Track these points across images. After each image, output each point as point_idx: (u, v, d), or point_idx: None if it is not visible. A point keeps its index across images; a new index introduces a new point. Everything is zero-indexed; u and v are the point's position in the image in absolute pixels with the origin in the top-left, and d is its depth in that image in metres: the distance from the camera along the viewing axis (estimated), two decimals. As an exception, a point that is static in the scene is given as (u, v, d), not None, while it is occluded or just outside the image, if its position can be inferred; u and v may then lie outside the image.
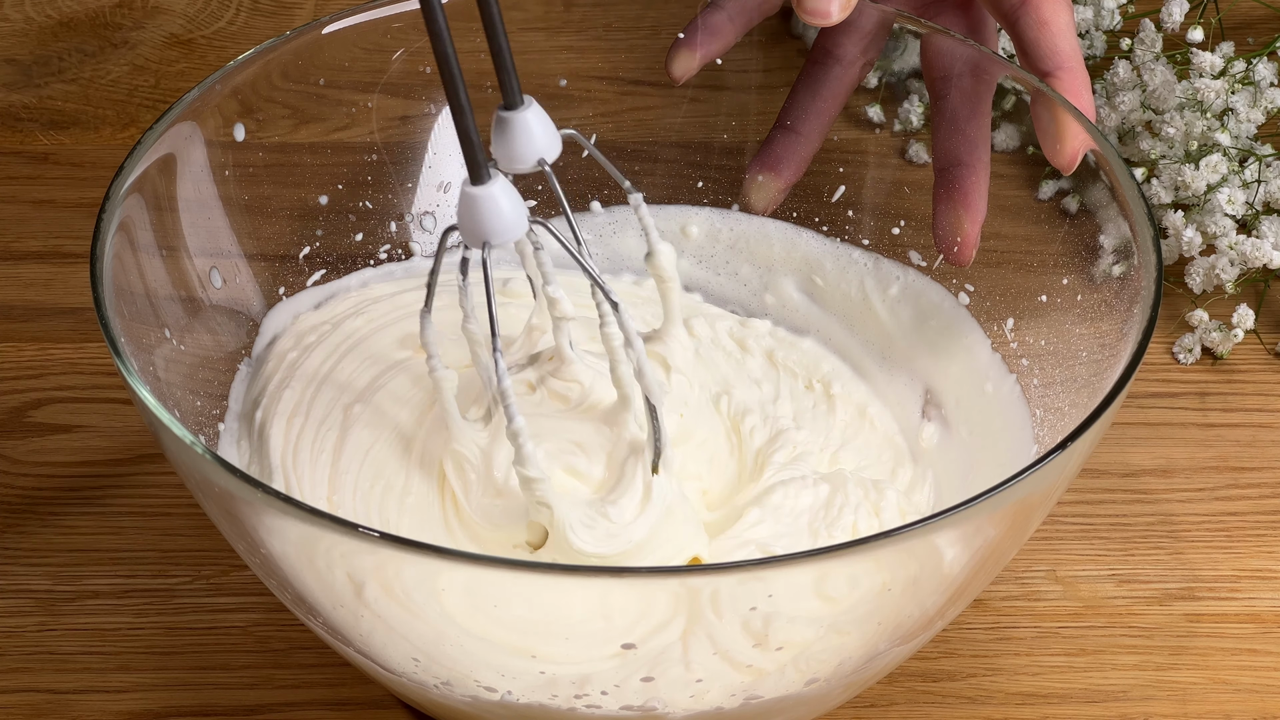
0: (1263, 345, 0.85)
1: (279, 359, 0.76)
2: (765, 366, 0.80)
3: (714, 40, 0.81)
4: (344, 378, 0.76)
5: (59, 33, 0.98)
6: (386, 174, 0.82)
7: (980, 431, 0.75)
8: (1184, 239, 0.85)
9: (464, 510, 0.70)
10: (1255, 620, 0.76)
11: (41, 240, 0.88)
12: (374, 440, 0.73)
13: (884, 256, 0.80)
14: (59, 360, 0.84)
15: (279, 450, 0.73)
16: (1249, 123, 0.86)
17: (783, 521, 0.71)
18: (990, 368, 0.76)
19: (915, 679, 0.74)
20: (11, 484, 0.80)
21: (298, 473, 0.72)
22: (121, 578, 0.77)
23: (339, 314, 0.79)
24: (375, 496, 0.72)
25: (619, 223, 0.83)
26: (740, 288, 0.83)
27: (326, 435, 0.73)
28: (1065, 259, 0.80)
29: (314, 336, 0.77)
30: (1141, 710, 0.73)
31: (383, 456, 0.73)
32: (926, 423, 0.77)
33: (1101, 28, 0.92)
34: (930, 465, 0.76)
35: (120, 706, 0.73)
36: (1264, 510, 0.79)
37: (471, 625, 0.64)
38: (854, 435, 0.77)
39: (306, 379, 0.75)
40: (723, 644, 0.63)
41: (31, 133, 0.93)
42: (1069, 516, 0.79)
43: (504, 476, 0.69)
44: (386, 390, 0.75)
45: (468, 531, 0.71)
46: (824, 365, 0.80)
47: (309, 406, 0.74)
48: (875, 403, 0.78)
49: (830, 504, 0.71)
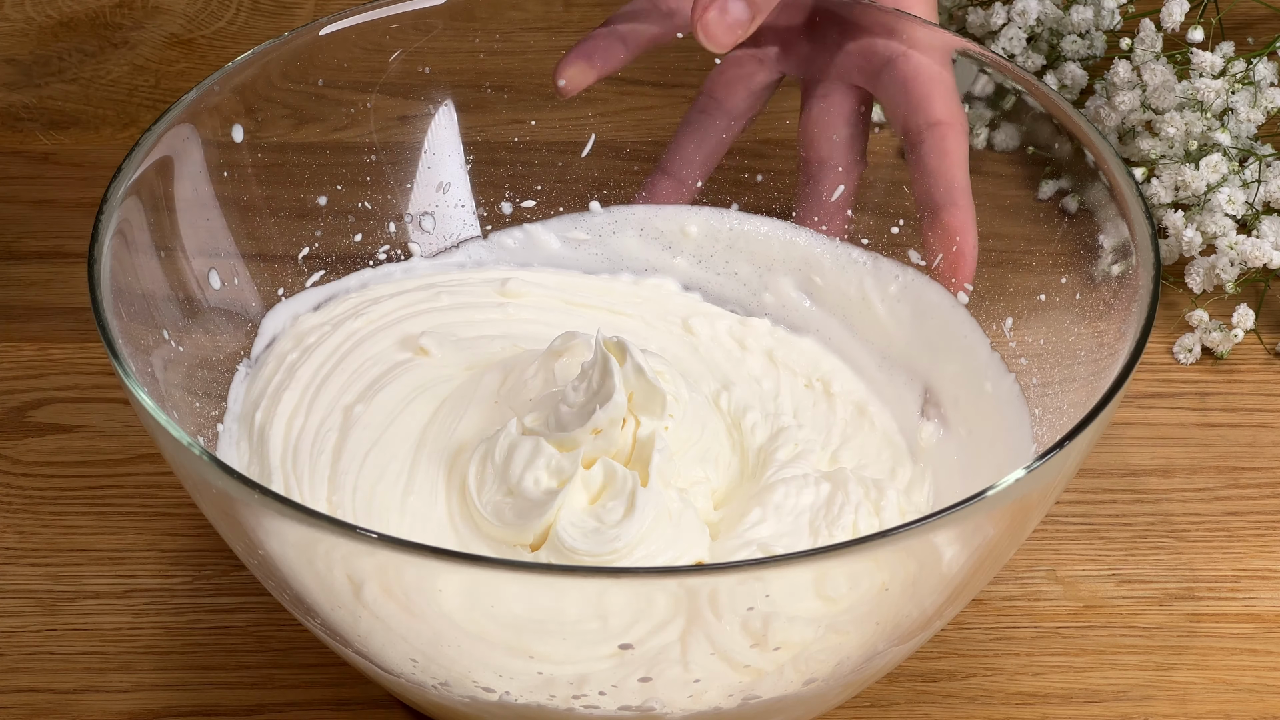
0: (1263, 345, 0.85)
1: (279, 360, 0.77)
2: (765, 365, 0.80)
3: (609, 60, 0.82)
4: (344, 379, 0.76)
5: (59, 33, 0.98)
6: (385, 174, 0.82)
7: (979, 430, 0.75)
8: (1184, 239, 0.85)
9: (470, 508, 0.71)
10: (1255, 620, 0.76)
11: (41, 240, 0.89)
12: (374, 441, 0.73)
13: (883, 256, 0.80)
14: (59, 360, 0.84)
15: (278, 452, 0.73)
16: (1249, 123, 0.86)
17: (784, 521, 0.71)
18: (989, 367, 0.76)
19: (915, 679, 0.74)
20: (11, 484, 0.80)
21: (297, 474, 0.72)
22: (121, 578, 0.77)
23: (338, 315, 0.79)
24: (376, 497, 0.72)
25: (618, 222, 0.83)
26: (739, 287, 0.83)
27: (326, 436, 0.74)
28: (1064, 259, 0.80)
29: (314, 338, 0.78)
30: (1141, 710, 0.73)
31: (384, 457, 0.73)
32: (925, 422, 0.77)
33: (1101, 28, 0.92)
34: (929, 464, 0.76)
35: (120, 706, 0.73)
36: (1264, 510, 0.79)
37: (469, 625, 0.64)
38: (853, 433, 0.77)
39: (306, 380, 0.76)
40: (721, 644, 0.63)
41: (31, 133, 0.93)
42: (1069, 516, 0.79)
43: (518, 475, 0.69)
44: (387, 391, 0.75)
45: (472, 529, 0.71)
46: (823, 364, 0.80)
47: (309, 408, 0.75)
48: (875, 401, 0.78)
49: (831, 502, 0.71)
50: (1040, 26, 0.91)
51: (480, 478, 0.70)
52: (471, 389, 0.75)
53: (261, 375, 0.76)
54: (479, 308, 0.81)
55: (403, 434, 0.74)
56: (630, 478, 0.69)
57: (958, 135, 0.77)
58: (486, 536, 0.70)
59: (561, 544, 0.68)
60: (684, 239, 0.83)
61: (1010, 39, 0.91)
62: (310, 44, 0.78)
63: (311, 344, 0.77)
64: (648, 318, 0.82)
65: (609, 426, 0.70)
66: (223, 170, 0.76)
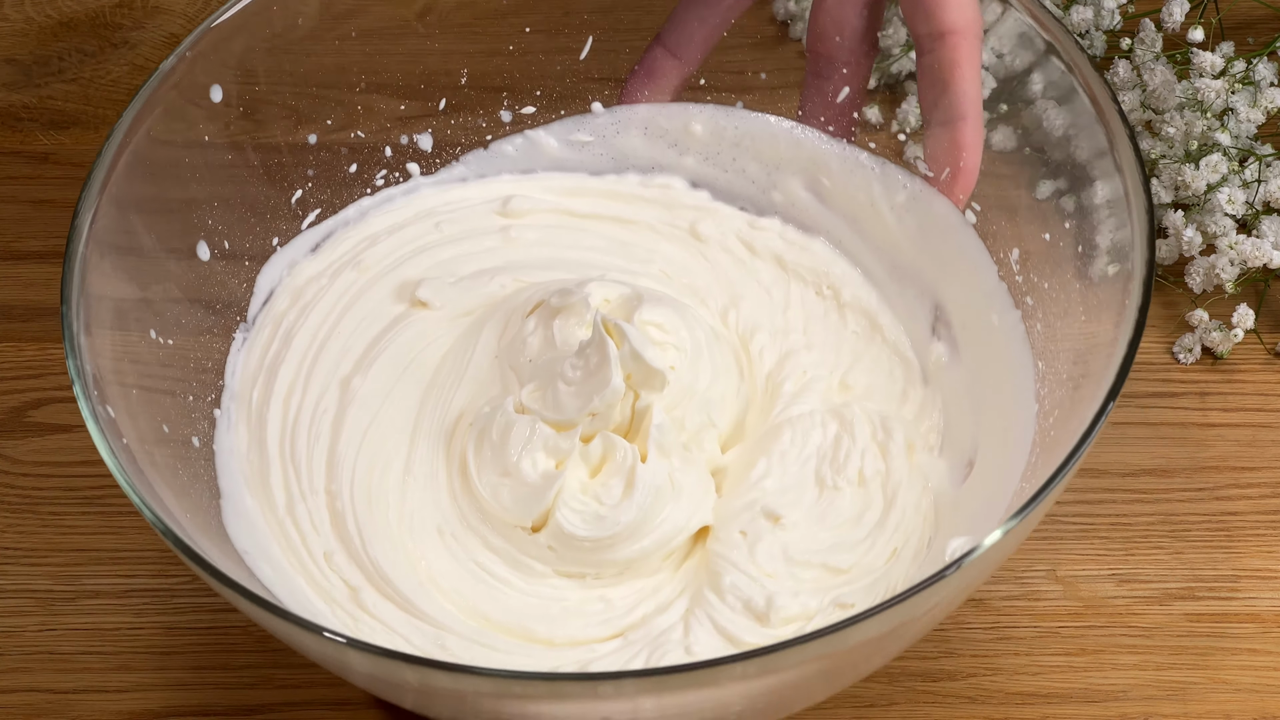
0: (1263, 345, 0.85)
1: (275, 324, 0.76)
2: (775, 272, 0.79)
3: (658, 80, 0.82)
4: (341, 344, 0.76)
5: (59, 33, 0.98)
6: (374, 102, 0.81)
7: (987, 364, 0.75)
8: (1184, 239, 0.85)
9: (471, 484, 0.71)
10: (1255, 620, 0.76)
11: (41, 240, 0.88)
12: (372, 418, 0.73)
13: (890, 162, 0.79)
14: (59, 360, 0.84)
15: (276, 437, 0.73)
16: (1249, 123, 0.86)
17: (789, 472, 0.71)
18: (996, 297, 0.75)
19: (915, 679, 0.74)
20: (11, 484, 0.80)
21: (295, 462, 0.72)
22: (121, 578, 0.77)
23: (335, 261, 0.78)
24: (374, 480, 0.72)
25: (621, 123, 0.82)
26: (748, 184, 0.81)
27: (323, 417, 0.74)
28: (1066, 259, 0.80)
29: (311, 293, 0.77)
30: (1141, 710, 0.73)
31: (381, 435, 0.73)
32: (936, 341, 0.76)
33: (1101, 28, 0.91)
34: (939, 388, 0.75)
35: (120, 706, 0.73)
36: (1264, 510, 0.79)
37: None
38: (864, 349, 0.77)
39: (303, 349, 0.75)
40: (722, 623, 0.66)
41: (31, 133, 0.93)
42: (1069, 516, 0.79)
43: (516, 457, 0.70)
44: (384, 358, 0.75)
45: (474, 507, 0.71)
46: (834, 269, 0.79)
47: (305, 383, 0.74)
48: (886, 312, 0.78)
49: (838, 447, 0.72)
50: (1040, 27, 0.91)
51: (479, 457, 0.71)
52: (470, 342, 0.75)
53: (258, 343, 0.76)
54: (479, 235, 0.80)
55: (400, 408, 0.73)
56: (630, 453, 0.69)
57: (970, 45, 0.74)
58: (488, 516, 0.70)
59: (562, 530, 0.69)
60: (689, 137, 0.82)
61: (1010, 39, 0.91)
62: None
63: (309, 301, 0.77)
64: (655, 224, 0.81)
65: (606, 410, 0.70)
66: (205, 135, 0.76)
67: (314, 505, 0.71)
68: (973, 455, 0.72)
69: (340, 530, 0.70)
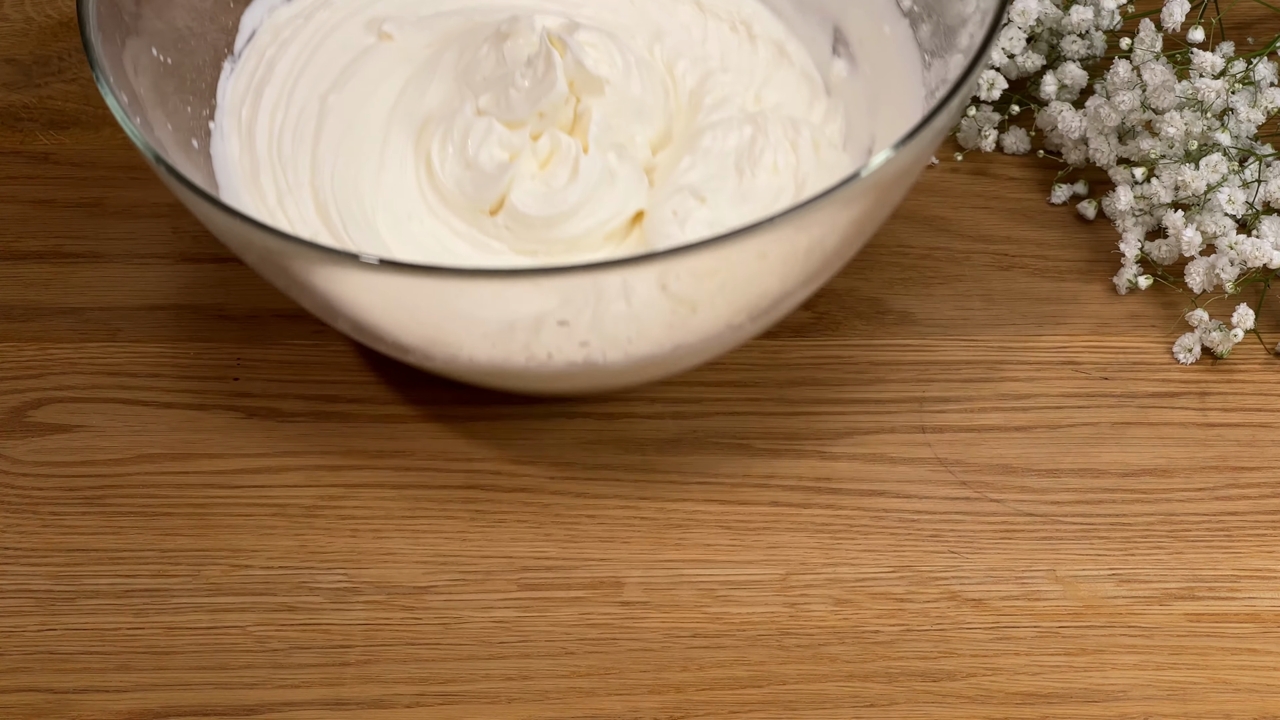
0: (1263, 345, 0.85)
1: (259, 56, 0.86)
2: (693, 12, 0.89)
3: None
4: (318, 69, 0.85)
5: (59, 33, 0.98)
6: None
7: (881, 69, 0.85)
8: (1184, 239, 0.85)
9: (437, 178, 0.81)
10: (1255, 620, 0.76)
11: (41, 240, 0.89)
12: (348, 125, 0.83)
13: None
14: (59, 360, 0.84)
15: (264, 145, 0.83)
16: (1249, 123, 0.86)
17: (711, 165, 0.80)
18: (887, 10, 0.85)
19: (915, 679, 0.74)
20: (11, 484, 0.80)
21: (282, 162, 0.82)
22: (121, 578, 0.77)
23: (309, 5, 0.88)
24: (351, 175, 0.82)
25: None
26: None
27: (305, 125, 0.84)
28: (1080, 265, 0.79)
29: (289, 31, 0.87)
30: (1141, 710, 0.73)
31: (357, 139, 0.83)
32: (837, 59, 0.87)
33: (1101, 28, 0.91)
34: (841, 98, 0.86)
35: (120, 706, 0.73)
36: (1264, 510, 0.79)
37: None
38: (774, 72, 0.87)
39: (284, 74, 0.85)
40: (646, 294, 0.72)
41: (31, 133, 0.93)
42: (1069, 516, 0.79)
43: (474, 151, 0.80)
44: (358, 78, 0.85)
45: (439, 197, 0.81)
46: (745, 8, 0.89)
47: (288, 100, 0.84)
48: (792, 40, 0.88)
49: (754, 144, 0.81)
50: (1040, 26, 0.91)
51: (442, 154, 0.81)
52: (432, 66, 0.85)
53: (245, 71, 0.85)
54: None
55: (374, 114, 0.84)
56: (573, 145, 0.80)
57: None
58: (451, 204, 0.81)
59: (516, 209, 0.79)
60: None
61: (1010, 39, 0.91)
62: None
63: (287, 37, 0.87)
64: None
65: (552, 110, 0.81)
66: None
67: (300, 198, 0.81)
68: (872, 145, 0.83)
69: (325, 218, 0.81)
